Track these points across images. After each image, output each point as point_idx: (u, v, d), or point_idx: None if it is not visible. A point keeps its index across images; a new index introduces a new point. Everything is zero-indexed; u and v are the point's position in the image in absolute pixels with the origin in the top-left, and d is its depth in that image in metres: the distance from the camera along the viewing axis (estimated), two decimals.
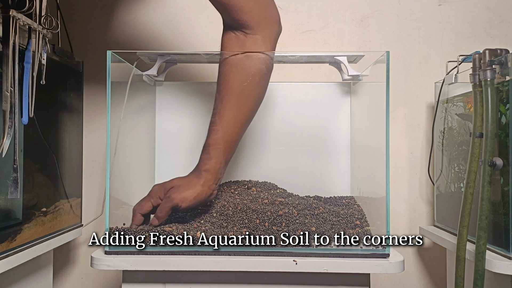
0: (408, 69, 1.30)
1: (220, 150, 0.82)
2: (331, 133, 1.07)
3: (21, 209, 0.88)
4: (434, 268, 1.29)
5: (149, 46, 1.31)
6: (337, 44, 1.31)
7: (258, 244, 0.79)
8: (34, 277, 1.02)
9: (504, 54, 0.87)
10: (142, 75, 1.00)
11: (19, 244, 0.86)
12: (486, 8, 1.30)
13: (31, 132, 0.90)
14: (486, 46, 0.92)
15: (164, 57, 0.97)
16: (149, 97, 1.08)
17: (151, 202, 0.83)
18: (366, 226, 0.86)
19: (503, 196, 0.87)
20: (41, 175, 0.96)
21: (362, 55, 0.96)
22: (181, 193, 0.80)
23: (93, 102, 1.29)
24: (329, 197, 1.03)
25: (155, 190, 0.84)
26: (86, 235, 1.29)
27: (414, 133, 1.30)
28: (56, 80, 1.03)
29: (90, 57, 1.29)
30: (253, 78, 0.82)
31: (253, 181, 1.03)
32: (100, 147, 1.30)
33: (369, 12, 1.31)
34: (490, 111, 0.86)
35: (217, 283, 0.82)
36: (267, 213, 0.87)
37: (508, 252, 0.84)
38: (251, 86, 0.83)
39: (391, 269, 0.76)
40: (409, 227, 1.29)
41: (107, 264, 0.78)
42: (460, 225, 0.91)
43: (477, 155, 0.89)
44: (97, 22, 1.31)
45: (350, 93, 1.07)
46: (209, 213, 0.87)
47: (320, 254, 0.78)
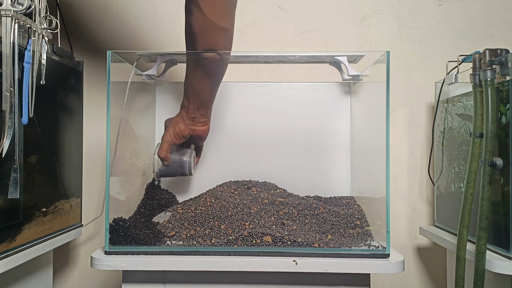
0: (408, 69, 1.30)
1: (187, 92, 0.90)
2: (331, 133, 1.07)
3: (21, 209, 0.88)
4: (434, 268, 1.29)
5: (149, 46, 1.31)
6: (337, 44, 1.31)
7: (258, 245, 0.79)
8: (34, 277, 1.02)
9: (504, 54, 0.87)
10: (142, 75, 1.00)
11: (19, 244, 0.86)
12: (486, 8, 1.30)
13: (31, 132, 0.90)
14: (486, 46, 0.92)
15: (164, 57, 0.97)
16: (149, 97, 1.08)
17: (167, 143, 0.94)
18: (366, 226, 0.86)
19: (503, 196, 0.87)
20: (41, 175, 0.96)
21: (362, 55, 0.96)
22: (166, 132, 0.94)
23: (93, 102, 1.29)
24: (329, 197, 1.03)
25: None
26: (86, 235, 1.29)
27: (414, 133, 1.30)
28: (56, 80, 1.03)
29: (90, 57, 1.29)
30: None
31: (253, 181, 1.03)
32: (100, 147, 1.30)
33: (369, 12, 1.31)
34: (490, 111, 0.86)
35: (217, 283, 0.82)
36: (267, 213, 0.87)
37: (508, 252, 0.84)
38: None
39: (391, 269, 0.76)
40: (409, 227, 1.29)
41: (107, 264, 0.78)
42: (460, 225, 0.91)
43: (477, 155, 0.89)
44: (97, 22, 1.32)
45: (350, 93, 1.07)
46: (210, 214, 0.87)
47: (320, 254, 0.78)
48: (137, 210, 0.95)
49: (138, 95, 1.02)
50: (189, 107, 0.91)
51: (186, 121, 0.92)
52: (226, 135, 1.08)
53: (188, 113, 0.92)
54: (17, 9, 0.76)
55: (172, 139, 0.93)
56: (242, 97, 1.09)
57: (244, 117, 1.08)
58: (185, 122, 0.92)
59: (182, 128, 0.93)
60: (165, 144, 0.93)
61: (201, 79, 0.88)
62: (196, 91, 0.89)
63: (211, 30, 0.81)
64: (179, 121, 0.93)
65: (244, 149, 1.08)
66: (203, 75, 0.87)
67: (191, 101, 0.90)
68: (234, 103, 1.08)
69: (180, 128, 0.93)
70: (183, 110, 0.93)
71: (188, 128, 0.93)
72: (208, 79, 0.88)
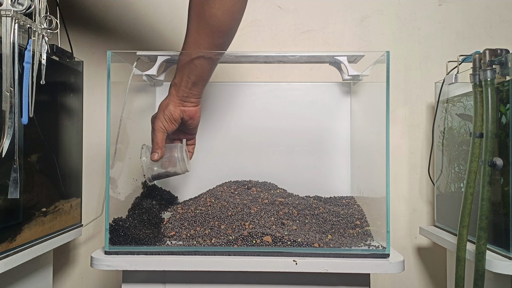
0: (408, 69, 1.30)
1: (182, 68, 0.83)
2: (331, 133, 1.07)
3: (21, 209, 0.88)
4: (434, 268, 1.29)
5: (149, 46, 1.31)
6: (337, 44, 1.31)
7: (258, 245, 0.80)
8: (34, 277, 1.02)
9: (504, 54, 0.87)
10: (142, 75, 1.00)
11: (19, 244, 0.86)
12: (486, 8, 1.30)
13: (31, 132, 0.90)
14: (486, 46, 0.92)
15: (164, 57, 0.97)
16: (149, 97, 1.08)
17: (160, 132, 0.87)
18: (366, 226, 0.86)
19: (503, 196, 0.87)
20: (41, 175, 0.96)
21: (362, 55, 0.96)
22: (155, 121, 0.86)
23: (93, 102, 1.29)
24: (329, 197, 1.03)
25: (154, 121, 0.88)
26: (86, 235, 1.29)
27: (414, 133, 1.30)
28: (56, 80, 1.03)
29: (90, 57, 1.29)
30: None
31: (253, 181, 1.03)
32: (100, 147, 1.30)
33: (369, 12, 1.31)
34: (490, 111, 0.86)
35: (217, 283, 0.82)
36: (267, 213, 0.87)
37: (508, 252, 0.84)
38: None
39: (391, 269, 0.76)
40: (409, 227, 1.29)
41: (107, 264, 0.78)
42: (460, 225, 0.91)
43: (477, 155, 0.89)
44: (97, 22, 1.32)
45: (350, 93, 1.07)
46: (210, 214, 0.87)
47: (320, 254, 0.78)
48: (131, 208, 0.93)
49: (138, 95, 1.02)
50: (181, 84, 0.84)
51: (176, 101, 0.85)
52: (226, 135, 1.08)
53: (179, 91, 0.84)
54: (17, 9, 0.76)
55: (164, 125, 0.85)
56: (242, 97, 1.09)
57: (244, 117, 1.08)
58: (175, 102, 0.85)
59: (172, 109, 0.85)
60: (158, 133, 0.86)
61: (205, 47, 0.79)
62: (194, 65, 0.81)
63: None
64: (168, 103, 0.85)
65: (244, 149, 1.08)
66: (209, 42, 0.79)
67: (185, 78, 0.83)
68: (234, 103, 1.08)
69: (170, 110, 0.85)
70: (172, 89, 0.85)
71: (179, 109, 0.85)
72: (214, 47, 0.80)
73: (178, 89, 0.85)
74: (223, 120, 1.08)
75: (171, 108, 0.85)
